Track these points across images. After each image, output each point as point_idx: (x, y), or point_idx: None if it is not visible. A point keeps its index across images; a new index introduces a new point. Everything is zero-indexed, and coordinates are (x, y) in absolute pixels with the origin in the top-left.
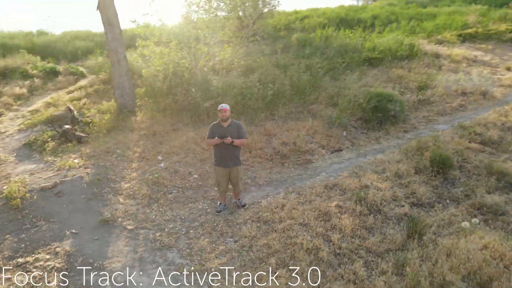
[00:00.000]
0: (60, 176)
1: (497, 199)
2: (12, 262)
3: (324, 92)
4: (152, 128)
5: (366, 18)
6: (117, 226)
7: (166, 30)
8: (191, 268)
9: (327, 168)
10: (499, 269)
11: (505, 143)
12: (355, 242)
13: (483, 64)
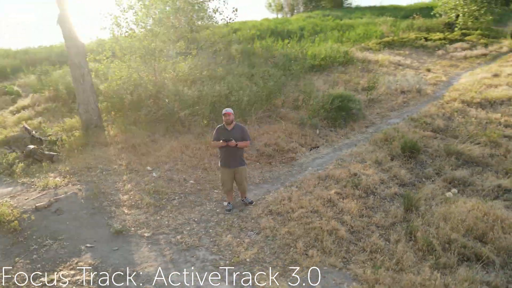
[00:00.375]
0: (51, 195)
1: (463, 173)
2: (36, 283)
3: (287, 97)
4: (129, 141)
5: (294, 30)
6: (132, 235)
7: (122, 43)
8: (226, 262)
9: (311, 163)
10: (489, 224)
11: (451, 130)
12: (364, 220)
13: (406, 67)
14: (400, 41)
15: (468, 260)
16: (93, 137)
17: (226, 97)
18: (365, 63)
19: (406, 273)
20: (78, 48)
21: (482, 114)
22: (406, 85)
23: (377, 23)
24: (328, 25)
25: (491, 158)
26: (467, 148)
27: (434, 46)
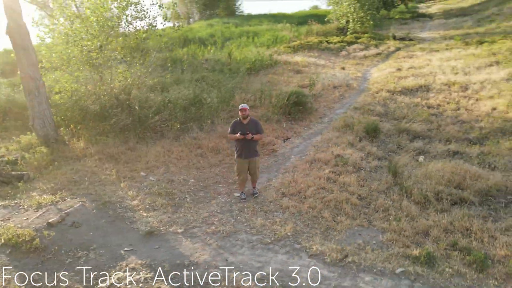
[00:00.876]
0: (55, 211)
1: (418, 144)
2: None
3: (240, 97)
4: (104, 152)
5: (205, 37)
6: (165, 233)
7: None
8: (271, 239)
9: (291, 152)
10: (461, 176)
11: (390, 114)
12: (365, 188)
13: (324, 66)
14: (306, 44)
15: (456, 204)
16: (59, 152)
17: (195, 100)
18: (288, 65)
19: (418, 220)
20: (32, 59)
21: (407, 100)
22: (336, 82)
23: (278, 29)
24: (234, 32)
25: (430, 132)
26: (411, 126)
27: (337, 48)
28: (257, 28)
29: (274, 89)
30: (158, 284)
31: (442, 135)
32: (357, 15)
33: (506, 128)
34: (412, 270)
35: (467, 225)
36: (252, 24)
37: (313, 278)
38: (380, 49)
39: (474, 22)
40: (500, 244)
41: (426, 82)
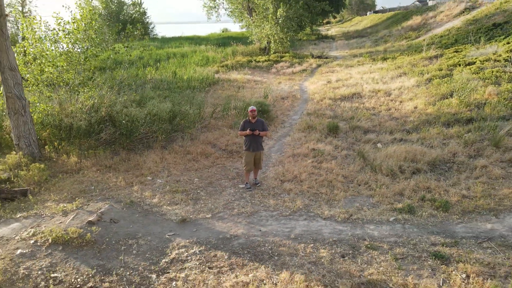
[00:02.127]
0: (85, 213)
1: (372, 136)
2: (162, 264)
3: (214, 110)
4: (100, 163)
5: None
6: (196, 219)
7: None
8: (289, 212)
9: (270, 151)
10: (413, 153)
11: (339, 116)
12: (345, 170)
13: (262, 82)
14: (238, 63)
15: (415, 173)
16: (51, 168)
17: (175, 113)
18: (229, 82)
19: (392, 186)
20: (17, 79)
21: (348, 105)
22: (283, 94)
23: (202, 50)
24: (160, 54)
25: (375, 127)
26: (360, 123)
27: (266, 66)
28: (181, 50)
29: (235, 101)
30: (214, 253)
31: (386, 129)
32: (278, 37)
33: (430, 120)
34: (401, 217)
35: (427, 185)
36: (172, 46)
37: (333, 232)
38: (304, 66)
39: (372, 42)
40: (452, 194)
41: (357, 91)
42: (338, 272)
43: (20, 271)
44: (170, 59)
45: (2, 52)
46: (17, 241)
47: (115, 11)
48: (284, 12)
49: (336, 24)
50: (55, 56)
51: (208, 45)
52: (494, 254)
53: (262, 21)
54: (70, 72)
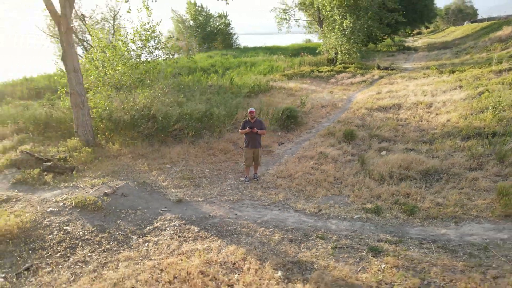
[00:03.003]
0: (107, 188)
1: (384, 145)
2: (145, 230)
3: (241, 113)
4: (135, 152)
5: (207, 66)
6: (190, 202)
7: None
8: (268, 202)
9: (285, 152)
10: (409, 162)
11: (366, 125)
12: (339, 173)
13: (315, 91)
14: (299, 73)
15: (402, 180)
16: (99, 153)
17: (208, 113)
18: (283, 90)
19: (374, 189)
20: (79, 79)
21: (381, 115)
22: (324, 102)
23: (273, 60)
24: (232, 62)
25: (396, 137)
26: (381, 132)
27: (327, 76)
28: (254, 59)
29: (270, 107)
30: (189, 226)
31: (404, 139)
32: (344, 48)
33: (451, 132)
34: (364, 216)
35: (408, 191)
36: (249, 55)
37: (296, 222)
38: (365, 77)
39: (453, 54)
40: (428, 200)
41: (399, 102)
42: (277, 252)
43: (44, 222)
44: (240, 67)
45: (68, 58)
46: (52, 202)
47: (202, 22)
48: (350, 23)
49: (427, 34)
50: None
51: (281, 55)
52: (427, 253)
53: (329, 32)
54: (126, 75)
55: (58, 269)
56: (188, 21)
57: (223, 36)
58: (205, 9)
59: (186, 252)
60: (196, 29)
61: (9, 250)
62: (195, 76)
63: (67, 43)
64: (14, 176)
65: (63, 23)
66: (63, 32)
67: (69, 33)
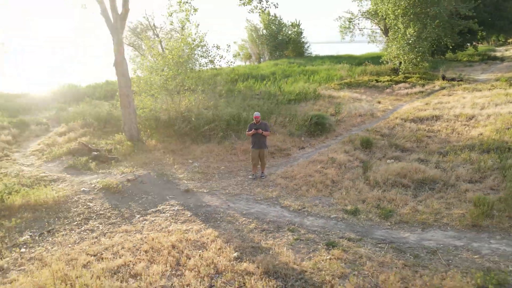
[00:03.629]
0: (131, 175)
1: (398, 154)
2: (149, 211)
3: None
4: (167, 148)
5: (267, 74)
6: (196, 192)
7: (145, 81)
8: (261, 198)
9: (301, 156)
10: (408, 170)
11: (392, 134)
12: (340, 177)
13: (362, 100)
14: (356, 82)
15: (394, 186)
16: (138, 146)
17: (236, 116)
18: (330, 98)
19: (364, 193)
20: (127, 82)
21: (413, 126)
22: (362, 111)
23: (336, 68)
24: (295, 70)
25: (417, 147)
26: (402, 142)
27: (383, 86)
28: (318, 68)
29: (301, 113)
30: (184, 211)
31: (423, 149)
32: (407, 57)
33: (473, 145)
34: (341, 216)
35: (394, 197)
36: (315, 64)
37: (277, 216)
38: (424, 88)
39: None
40: (407, 207)
41: (440, 113)
42: (245, 238)
43: (74, 198)
44: (300, 75)
45: (118, 64)
46: (87, 184)
47: (274, 31)
48: (414, 32)
49: None
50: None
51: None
52: (376, 252)
53: (393, 41)
54: (170, 79)
55: (70, 234)
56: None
57: (295, 45)
58: (278, 18)
59: (171, 231)
60: (268, 38)
61: (42, 216)
62: (248, 82)
63: (118, 52)
64: (68, 162)
65: (114, 34)
66: (115, 42)
67: (120, 44)
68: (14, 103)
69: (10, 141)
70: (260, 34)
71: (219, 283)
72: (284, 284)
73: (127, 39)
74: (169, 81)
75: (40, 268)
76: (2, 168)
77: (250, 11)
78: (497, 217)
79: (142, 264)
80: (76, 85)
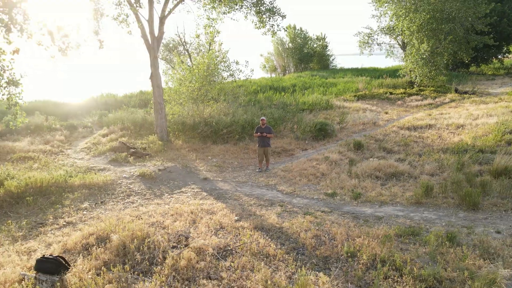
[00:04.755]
0: (161, 166)
1: (383, 154)
2: (175, 192)
3: (286, 125)
4: (191, 147)
5: (288, 86)
6: (212, 180)
7: (175, 92)
8: (263, 185)
9: (303, 156)
10: (384, 165)
11: (385, 140)
12: (329, 171)
13: (372, 111)
14: (371, 94)
15: (369, 177)
16: (167, 145)
17: (250, 122)
18: (341, 108)
19: (344, 182)
20: (160, 92)
21: (406, 133)
22: (366, 120)
23: (355, 81)
24: (315, 82)
25: (403, 150)
26: (389, 145)
27: (396, 98)
28: (338, 80)
29: (309, 121)
30: (202, 192)
31: (406, 151)
32: (422, 71)
33: (447, 149)
34: (322, 197)
35: (366, 185)
36: (336, 76)
37: (273, 196)
38: (435, 100)
39: None
40: (374, 192)
41: (435, 123)
42: (245, 209)
43: (118, 181)
44: (320, 87)
45: (153, 77)
46: (127, 173)
47: (300, 44)
48: (428, 47)
49: None
50: (190, 79)
51: (367, 77)
52: (339, 218)
53: (408, 56)
54: (196, 90)
55: (117, 204)
56: (287, 43)
57: (320, 58)
58: (304, 32)
59: (190, 204)
60: (293, 51)
61: (95, 193)
62: (268, 94)
63: (153, 67)
64: (111, 156)
65: (151, 52)
66: (151, 58)
67: (155, 60)
68: (62, 109)
69: (63, 140)
70: (286, 48)
71: (222, 232)
72: (266, 233)
73: (161, 54)
74: (195, 92)
75: (99, 222)
76: (60, 160)
77: (263, 34)
78: (434, 196)
79: (168, 221)
80: (114, 94)
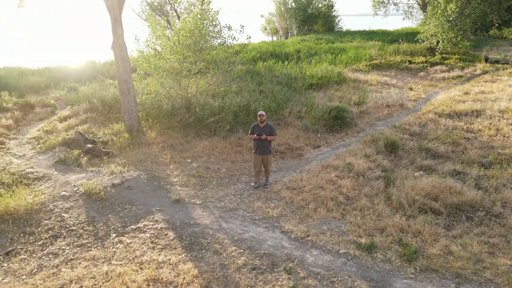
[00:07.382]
0: (120, 177)
1: (429, 162)
2: (128, 229)
3: (292, 109)
4: (167, 141)
5: (291, 52)
6: (187, 203)
7: (152, 63)
8: (260, 217)
9: (315, 158)
10: (440, 189)
11: (423, 134)
12: (356, 192)
13: (392, 86)
14: (387, 63)
15: (423, 212)
16: (137, 138)
17: (245, 107)
18: (356, 83)
19: (383, 220)
20: (126, 67)
21: (449, 123)
22: (390, 101)
23: (366, 46)
24: (322, 48)
25: (453, 153)
26: (434, 146)
27: (417, 69)
28: (346, 45)
29: (324, 104)
30: (167, 232)
31: (461, 157)
32: (446, 36)
33: None
34: (353, 252)
35: (421, 228)
36: (344, 41)
37: (274, 246)
38: (464, 72)
39: None
40: (438, 246)
41: (482, 107)
42: (229, 280)
43: (50, 206)
44: (326, 54)
45: (116, 47)
46: (70, 186)
47: (304, 4)
48: (457, 8)
49: None
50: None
51: (378, 42)
52: None
53: (431, 18)
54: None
55: (30, 258)
56: (290, 3)
57: (325, 19)
58: None
59: (144, 262)
60: (296, 11)
61: (7, 230)
62: (269, 62)
63: (115, 33)
64: (60, 154)
65: (111, 13)
66: (112, 21)
67: (117, 24)
68: (28, 80)
69: (10, 126)
70: (289, 8)
71: None
72: None
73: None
74: (177, 65)
75: None
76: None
77: None
78: None
79: None
80: (95, 61)
